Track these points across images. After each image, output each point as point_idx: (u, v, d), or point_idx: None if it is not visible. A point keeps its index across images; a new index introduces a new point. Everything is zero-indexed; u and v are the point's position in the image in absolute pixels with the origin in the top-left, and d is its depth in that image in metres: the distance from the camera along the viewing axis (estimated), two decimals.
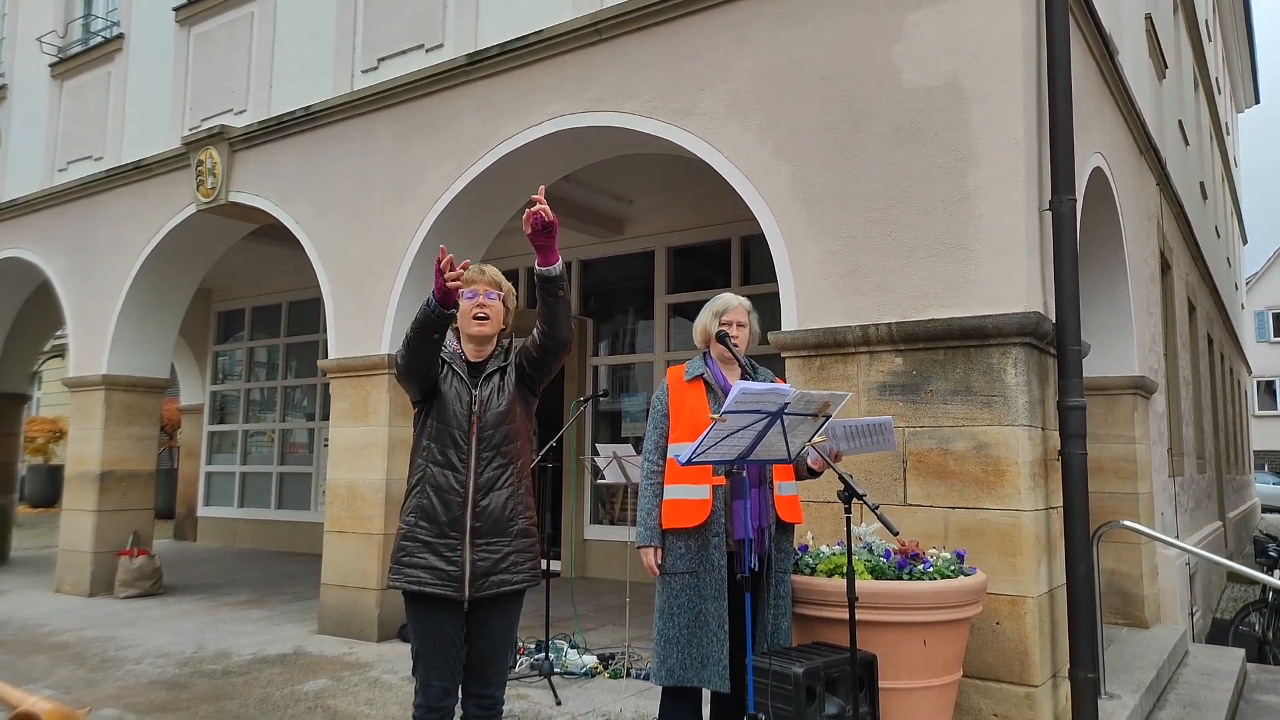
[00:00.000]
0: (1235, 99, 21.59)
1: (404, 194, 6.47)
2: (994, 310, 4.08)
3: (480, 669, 2.91)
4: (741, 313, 3.48)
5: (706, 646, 3.20)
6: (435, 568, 2.80)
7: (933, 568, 3.49)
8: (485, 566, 2.83)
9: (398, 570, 2.85)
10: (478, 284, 2.95)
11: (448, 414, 2.89)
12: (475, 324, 2.95)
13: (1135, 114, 6.66)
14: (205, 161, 7.58)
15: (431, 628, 2.83)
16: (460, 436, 2.88)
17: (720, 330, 3.40)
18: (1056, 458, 4.25)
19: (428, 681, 2.83)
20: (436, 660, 2.83)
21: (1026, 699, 3.88)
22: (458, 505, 2.84)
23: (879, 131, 4.48)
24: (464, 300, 2.92)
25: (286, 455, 12.38)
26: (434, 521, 2.83)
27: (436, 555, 2.81)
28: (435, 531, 2.83)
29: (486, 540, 2.84)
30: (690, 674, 3.22)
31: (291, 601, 7.79)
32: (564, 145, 5.89)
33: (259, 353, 13.02)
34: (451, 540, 2.82)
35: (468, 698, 2.92)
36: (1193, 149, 11.44)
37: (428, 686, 2.83)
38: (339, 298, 6.77)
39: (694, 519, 3.24)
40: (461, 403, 2.91)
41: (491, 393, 2.95)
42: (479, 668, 2.90)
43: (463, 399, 2.91)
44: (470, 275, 2.94)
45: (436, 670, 2.82)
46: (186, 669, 5.43)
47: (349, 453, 6.49)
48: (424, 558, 2.81)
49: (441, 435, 2.89)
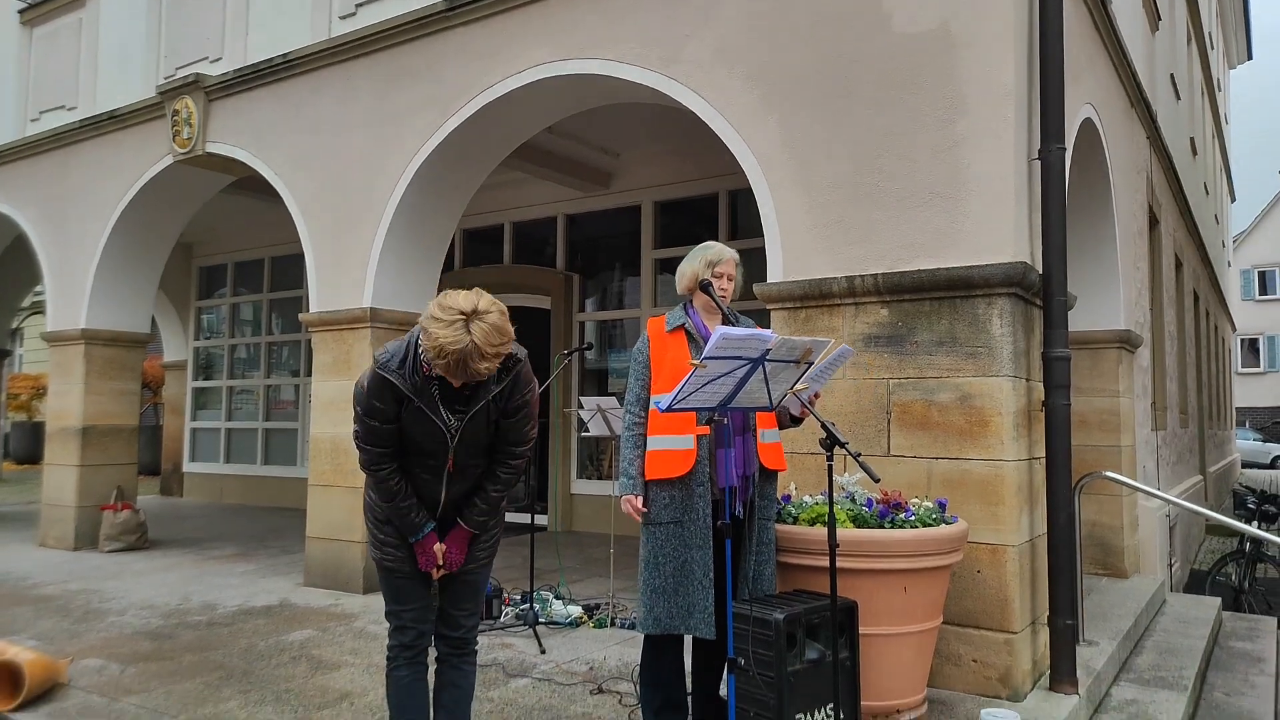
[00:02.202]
0: (1228, 55, 21.41)
1: (384, 144, 6.34)
2: (981, 260, 4.05)
3: (447, 616, 2.99)
4: (733, 265, 3.45)
5: (692, 595, 3.21)
6: (406, 549, 2.86)
7: (914, 516, 3.50)
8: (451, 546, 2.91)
9: (376, 546, 2.89)
10: (488, 362, 2.55)
11: (416, 445, 2.73)
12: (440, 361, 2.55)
13: (1127, 65, 6.57)
14: (181, 111, 7.42)
15: (405, 589, 2.91)
16: (433, 464, 2.79)
17: (705, 280, 3.36)
18: (1040, 409, 4.26)
19: (402, 625, 2.91)
20: (409, 609, 2.91)
21: (1006, 645, 3.92)
22: (432, 503, 2.87)
23: (868, 79, 4.40)
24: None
25: (273, 411, 12.33)
26: (391, 526, 2.87)
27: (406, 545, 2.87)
28: (401, 529, 2.86)
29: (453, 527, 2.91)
30: (677, 622, 3.24)
31: (278, 555, 7.80)
32: (548, 94, 5.77)
33: (242, 309, 12.89)
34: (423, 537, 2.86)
35: (438, 639, 3.00)
36: (1184, 103, 11.35)
37: (402, 629, 2.91)
38: (319, 250, 6.68)
39: (679, 469, 3.23)
40: (434, 438, 2.72)
41: (476, 426, 2.74)
42: (446, 615, 2.99)
43: (434, 435, 2.71)
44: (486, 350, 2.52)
45: (411, 616, 2.91)
46: (171, 620, 5.44)
47: (332, 406, 6.45)
48: (398, 540, 2.86)
49: (409, 458, 2.79)
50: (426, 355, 2.53)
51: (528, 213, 9.67)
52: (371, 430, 2.70)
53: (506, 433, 2.83)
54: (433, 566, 2.82)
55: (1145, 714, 4.17)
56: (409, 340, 2.68)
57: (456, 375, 2.54)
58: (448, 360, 2.48)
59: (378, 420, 2.68)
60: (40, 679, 3.97)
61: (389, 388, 2.64)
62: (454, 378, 2.56)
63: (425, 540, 2.80)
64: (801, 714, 3.04)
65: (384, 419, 2.67)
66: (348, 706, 3.88)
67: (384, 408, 2.66)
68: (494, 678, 4.30)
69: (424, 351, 2.54)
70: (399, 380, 2.64)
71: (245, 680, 4.25)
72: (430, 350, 2.49)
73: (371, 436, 2.71)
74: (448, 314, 2.49)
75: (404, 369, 2.64)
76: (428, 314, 2.55)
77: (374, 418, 2.68)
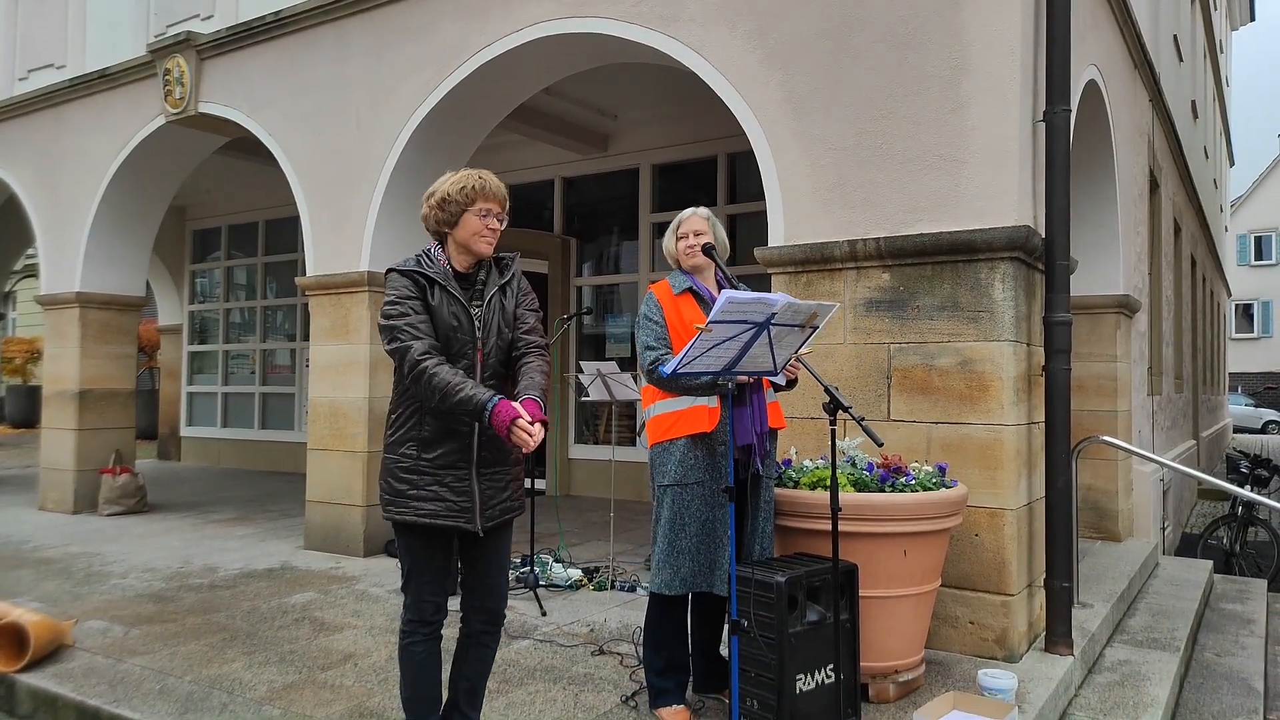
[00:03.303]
0: (1230, 16, 21.18)
1: (380, 104, 6.26)
2: (984, 224, 4.02)
3: (485, 587, 2.90)
4: (697, 221, 3.42)
5: (715, 552, 3.26)
6: (445, 499, 2.72)
7: (915, 481, 3.51)
8: (492, 496, 2.80)
9: (400, 502, 2.72)
10: (493, 203, 2.78)
11: (447, 342, 2.72)
12: (483, 243, 2.78)
13: (1132, 26, 6.50)
14: (173, 70, 7.30)
15: (427, 553, 2.79)
16: (464, 365, 2.74)
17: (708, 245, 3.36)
18: (1040, 373, 4.26)
19: (421, 598, 2.80)
20: (430, 580, 2.81)
21: (1003, 607, 3.96)
22: (465, 435, 2.73)
23: (872, 38, 4.34)
24: (475, 217, 2.75)
25: (269, 376, 12.31)
26: (435, 449, 2.72)
27: (444, 487, 2.72)
28: (443, 462, 2.72)
29: (491, 470, 2.80)
30: (700, 580, 3.28)
31: (277, 519, 7.84)
32: (546, 53, 5.69)
33: (237, 272, 12.81)
34: (462, 471, 2.74)
35: (471, 613, 2.91)
36: (1186, 65, 11.25)
37: (421, 603, 2.81)
38: (315, 213, 6.62)
39: (705, 425, 3.24)
40: (462, 328, 2.74)
41: (493, 314, 2.80)
42: (483, 587, 2.90)
43: (462, 324, 2.74)
44: (491, 189, 2.78)
45: (430, 588, 2.81)
46: (173, 583, 5.47)
47: (330, 371, 6.43)
48: (432, 490, 2.71)
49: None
50: (455, 196, 2.73)
51: (524, 175, 9.58)
52: (411, 326, 2.66)
53: (523, 321, 2.88)
54: (527, 437, 2.53)
55: (1138, 674, 4.23)
56: (413, 257, 2.81)
57: (478, 225, 2.74)
58: (471, 188, 2.72)
59: (412, 312, 2.68)
60: (45, 640, 4.00)
61: (410, 278, 2.72)
62: (473, 239, 2.75)
63: (500, 408, 2.53)
64: (802, 674, 3.07)
65: (415, 309, 2.69)
66: (352, 668, 3.92)
67: (414, 298, 2.69)
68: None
69: (444, 200, 2.74)
70: (418, 268, 2.74)
71: (249, 642, 4.28)
72: (455, 189, 2.72)
73: (411, 330, 2.66)
74: (440, 179, 2.81)
75: (419, 265, 2.76)
76: (435, 193, 2.79)
77: (407, 313, 2.67)
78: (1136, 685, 4.08)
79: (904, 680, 3.53)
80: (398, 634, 2.88)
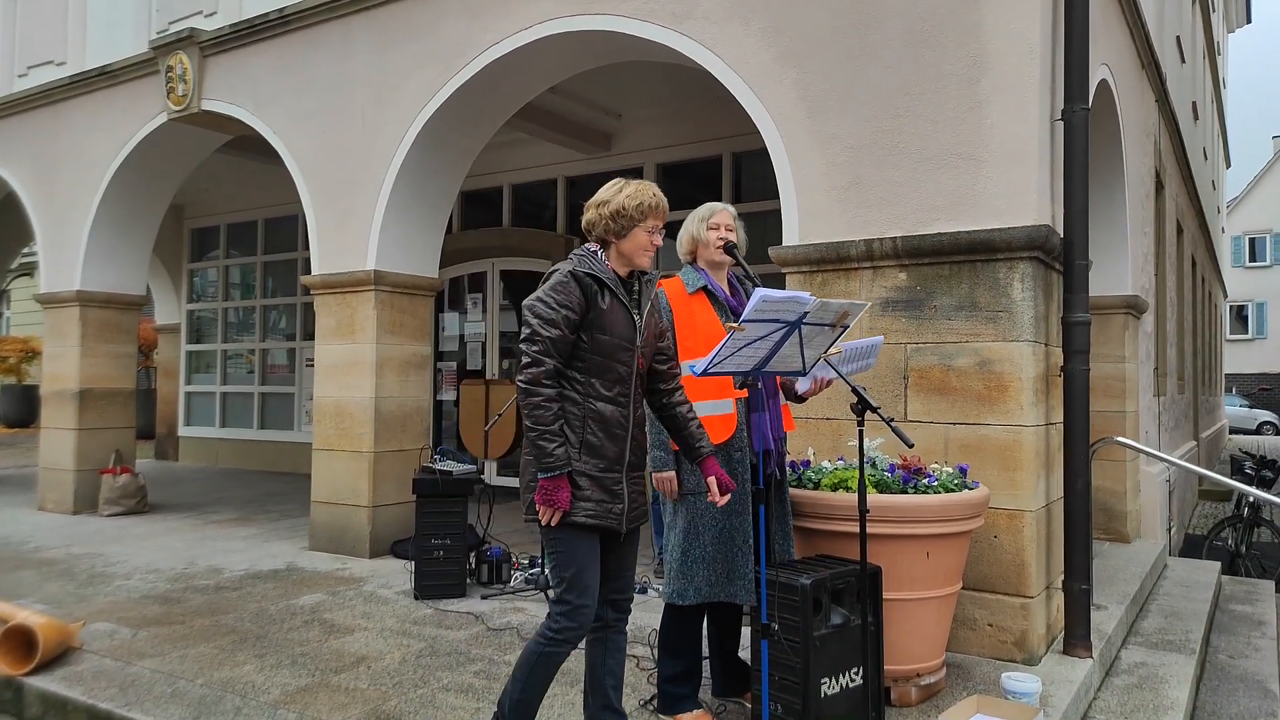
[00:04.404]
0: (1228, 18, 21.23)
1: (386, 102, 6.21)
2: (1002, 224, 3.99)
3: (617, 577, 2.94)
4: (728, 216, 3.41)
5: (733, 561, 3.20)
6: (603, 502, 2.75)
7: (937, 482, 3.48)
8: (634, 498, 2.86)
9: (569, 501, 2.72)
10: (661, 220, 2.83)
11: (611, 344, 2.74)
12: (646, 258, 2.84)
13: (1141, 26, 6.48)
14: (175, 67, 7.24)
15: (591, 556, 2.78)
16: (624, 371, 2.78)
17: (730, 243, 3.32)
18: (1058, 374, 4.23)
19: (584, 604, 2.77)
20: (591, 585, 2.79)
21: (1022, 609, 3.93)
22: (621, 439, 2.78)
23: (889, 36, 4.31)
24: (645, 233, 2.80)
25: (268, 375, 12.23)
26: (601, 457, 2.75)
27: (603, 490, 2.76)
28: (603, 466, 2.76)
29: (634, 474, 2.86)
30: (718, 590, 3.22)
31: (279, 519, 7.78)
32: (555, 51, 5.65)
33: (234, 272, 12.73)
34: (615, 475, 2.78)
35: (609, 606, 2.93)
36: (1187, 66, 11.25)
37: (583, 609, 2.77)
38: (320, 211, 6.56)
39: (720, 435, 3.19)
40: (626, 336, 2.77)
41: (647, 325, 2.87)
42: (615, 577, 2.93)
43: (627, 331, 2.77)
44: (663, 208, 2.83)
45: (591, 594, 2.79)
46: (178, 584, 5.41)
47: (336, 370, 6.38)
48: (592, 492, 2.74)
49: (604, 369, 2.75)
50: (631, 211, 2.75)
51: (527, 175, 9.54)
52: (555, 342, 2.67)
53: (662, 335, 2.94)
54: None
55: (1156, 676, 4.20)
56: (578, 255, 2.80)
57: (645, 240, 2.78)
58: (648, 205, 2.76)
59: (565, 327, 2.68)
60: (54, 643, 3.94)
61: (583, 284, 2.71)
62: (639, 253, 2.79)
63: (559, 486, 2.67)
64: (827, 678, 3.04)
65: (569, 324, 2.69)
66: (365, 671, 3.87)
67: (573, 311, 2.69)
68: (509, 641, 4.30)
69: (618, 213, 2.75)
70: (600, 271, 2.75)
71: (259, 644, 4.23)
72: (632, 203, 2.75)
73: (554, 346, 2.67)
74: (610, 187, 2.83)
75: (594, 267, 2.76)
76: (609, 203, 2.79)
77: (559, 325, 2.67)
78: (1155, 688, 4.05)
79: (926, 683, 3.50)
80: (538, 638, 2.80)
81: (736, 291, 3.48)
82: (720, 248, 3.33)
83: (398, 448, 6.33)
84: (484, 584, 5.34)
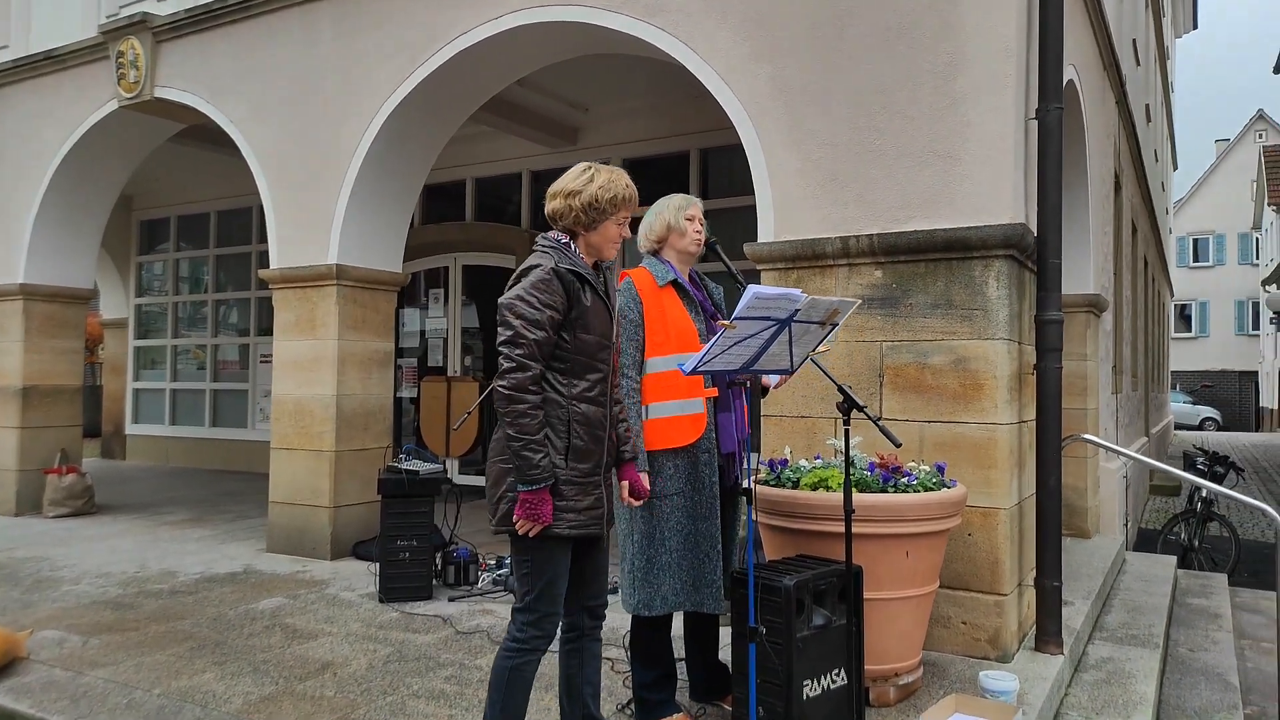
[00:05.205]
0: (1175, 23, 21.75)
1: (349, 92, 6.05)
2: (978, 222, 3.99)
3: (592, 583, 2.86)
4: (701, 209, 3.37)
5: (700, 568, 3.12)
6: (588, 508, 2.67)
7: (916, 480, 3.46)
8: (610, 500, 2.79)
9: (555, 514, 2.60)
10: (630, 211, 2.76)
11: (594, 343, 2.66)
12: (614, 250, 2.78)
13: (1104, 27, 6.56)
14: (127, 53, 6.98)
15: (564, 565, 2.69)
16: (604, 369, 2.70)
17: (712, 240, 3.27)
18: (1030, 372, 4.25)
19: (553, 612, 2.69)
20: (562, 594, 2.71)
21: (996, 607, 3.94)
22: (603, 440, 2.71)
23: (866, 31, 4.28)
24: (615, 225, 2.73)
25: (220, 372, 11.92)
26: (587, 460, 2.66)
27: (588, 495, 2.67)
28: (588, 471, 2.67)
29: (608, 474, 2.78)
30: (684, 598, 3.13)
31: (234, 520, 7.56)
32: (525, 42, 5.54)
33: (185, 265, 12.38)
34: (598, 478, 2.70)
35: (585, 613, 2.86)
36: (1141, 69, 11.46)
37: (551, 617, 2.69)
38: (280, 204, 6.37)
39: (689, 436, 3.11)
40: (603, 324, 2.69)
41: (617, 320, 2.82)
42: (590, 582, 2.84)
43: (603, 319, 2.69)
44: (635, 199, 2.75)
45: (561, 602, 2.71)
46: (130, 589, 5.22)
47: (295, 367, 6.21)
48: (578, 500, 2.64)
49: (586, 368, 2.66)
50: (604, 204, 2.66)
51: (491, 168, 9.39)
52: (540, 345, 2.55)
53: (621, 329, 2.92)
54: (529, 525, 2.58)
55: (1123, 671, 4.24)
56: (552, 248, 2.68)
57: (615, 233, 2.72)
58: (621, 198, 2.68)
59: (548, 328, 2.57)
60: None
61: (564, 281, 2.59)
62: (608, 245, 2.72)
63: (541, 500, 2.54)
64: (809, 680, 3.00)
65: (553, 324, 2.58)
66: (331, 678, 3.75)
67: (556, 311, 2.58)
68: (479, 645, 4.20)
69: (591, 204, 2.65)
70: (576, 266, 2.64)
71: (218, 651, 4.08)
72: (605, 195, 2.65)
73: (538, 348, 2.55)
74: (579, 174, 2.72)
75: (574, 262, 2.66)
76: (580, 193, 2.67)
77: (544, 326, 2.55)
78: (1123, 683, 4.09)
79: (904, 683, 3.48)
80: (506, 653, 2.68)
81: (700, 286, 3.41)
82: (700, 244, 3.27)
83: (360, 446, 6.18)
84: (451, 586, 5.23)
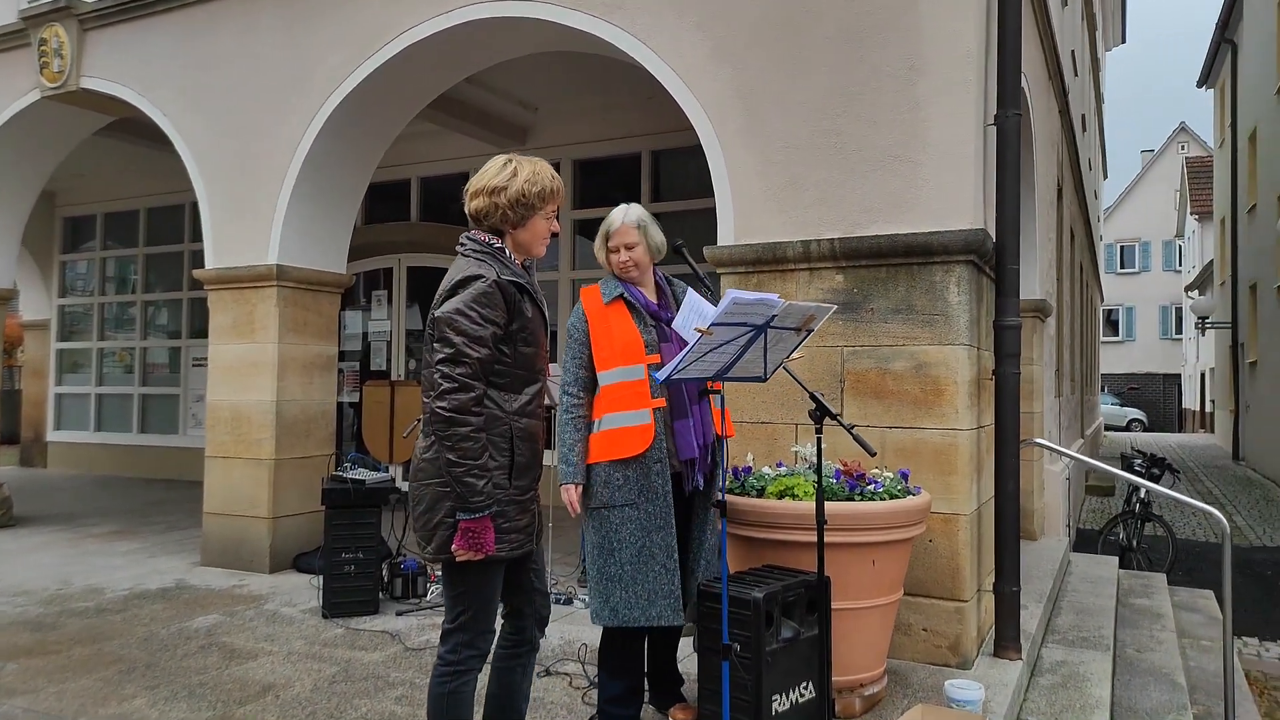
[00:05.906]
0: (1106, 37, 22.42)
1: (292, 85, 5.81)
2: (939, 227, 3.97)
3: (544, 595, 2.74)
4: (629, 232, 3.16)
5: (654, 581, 3.02)
6: (527, 526, 2.55)
7: (882, 488, 3.42)
8: (539, 510, 2.66)
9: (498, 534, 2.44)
10: (556, 203, 2.62)
11: (533, 355, 2.54)
12: (544, 247, 2.64)
13: (1051, 36, 6.66)
14: (50, 40, 6.62)
15: (498, 585, 2.56)
16: (540, 375, 2.58)
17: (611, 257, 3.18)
18: (989, 377, 4.25)
19: (488, 631, 2.56)
20: (495, 612, 2.58)
21: (957, 613, 3.92)
22: (540, 453, 2.61)
23: (827, 34, 4.24)
24: (544, 220, 2.58)
25: (149, 375, 11.44)
26: (527, 475, 2.54)
27: (526, 512, 2.55)
28: (526, 486, 2.54)
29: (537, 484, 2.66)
30: (637, 612, 3.03)
31: (165, 531, 7.23)
32: (476, 39, 5.38)
33: (112, 264, 11.87)
34: (534, 492, 2.59)
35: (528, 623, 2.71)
36: (1078, 80, 11.75)
37: (486, 635, 2.56)
38: (216, 201, 6.10)
39: (636, 447, 3.01)
40: (543, 338, 2.57)
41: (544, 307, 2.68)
42: (537, 591, 2.71)
43: (544, 333, 2.57)
44: (561, 190, 2.62)
45: (494, 619, 2.58)
46: (52, 607, 4.91)
47: (232, 372, 5.94)
48: (519, 519, 2.52)
49: (526, 381, 2.52)
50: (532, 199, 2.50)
51: (437, 168, 9.18)
52: (484, 363, 2.39)
53: None
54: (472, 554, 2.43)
55: (1078, 675, 4.26)
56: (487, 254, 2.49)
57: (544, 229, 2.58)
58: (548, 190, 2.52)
59: (491, 346, 2.41)
60: None
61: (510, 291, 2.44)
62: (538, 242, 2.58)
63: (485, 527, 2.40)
64: (777, 694, 2.92)
65: (495, 341, 2.42)
66: (273, 700, 3.55)
67: (498, 326, 2.42)
68: (430, 661, 3.99)
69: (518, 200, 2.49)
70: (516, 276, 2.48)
71: (150, 674, 3.84)
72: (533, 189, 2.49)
73: (481, 368, 2.39)
74: (500, 168, 2.52)
75: (508, 268, 2.49)
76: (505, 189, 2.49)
77: (487, 343, 2.39)
78: (1079, 686, 4.10)
79: (870, 694, 3.43)
80: (441, 677, 2.52)
81: (664, 292, 3.31)
82: (627, 266, 3.15)
83: (301, 454, 5.94)
84: (398, 599, 5.04)
